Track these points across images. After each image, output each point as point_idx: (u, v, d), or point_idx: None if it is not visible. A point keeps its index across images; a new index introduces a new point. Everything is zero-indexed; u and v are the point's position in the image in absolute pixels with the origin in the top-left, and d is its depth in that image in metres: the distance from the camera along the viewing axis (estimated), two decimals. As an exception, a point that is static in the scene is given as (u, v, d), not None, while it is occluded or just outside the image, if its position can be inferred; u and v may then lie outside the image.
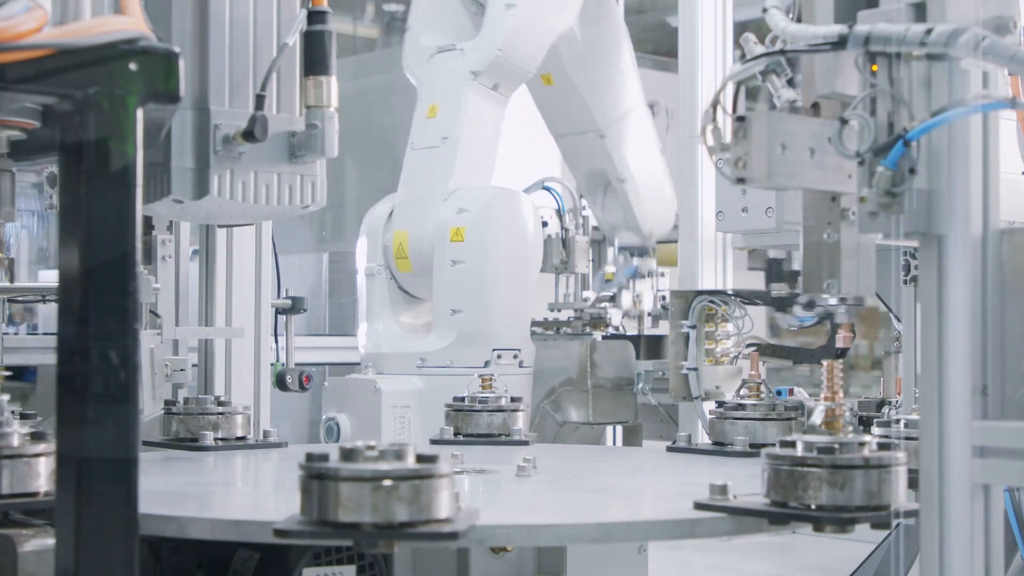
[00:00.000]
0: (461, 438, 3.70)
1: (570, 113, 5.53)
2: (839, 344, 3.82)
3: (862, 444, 2.22)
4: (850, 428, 2.26)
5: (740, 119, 2.04)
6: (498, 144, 5.00)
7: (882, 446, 2.26)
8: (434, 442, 3.66)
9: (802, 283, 2.23)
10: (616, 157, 5.54)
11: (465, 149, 4.88)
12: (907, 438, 2.79)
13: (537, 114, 5.70)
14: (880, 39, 1.98)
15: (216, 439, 3.49)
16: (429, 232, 4.80)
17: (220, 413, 3.54)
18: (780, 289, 4.05)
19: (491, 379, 3.78)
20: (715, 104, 2.11)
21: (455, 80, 4.90)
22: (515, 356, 4.80)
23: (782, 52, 2.14)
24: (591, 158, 5.61)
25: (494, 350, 4.74)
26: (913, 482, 2.20)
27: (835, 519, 2.19)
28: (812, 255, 2.20)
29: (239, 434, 3.56)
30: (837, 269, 2.17)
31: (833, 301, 3.32)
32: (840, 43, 2.03)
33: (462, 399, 3.79)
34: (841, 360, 4.08)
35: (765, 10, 2.22)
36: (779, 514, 2.24)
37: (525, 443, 3.66)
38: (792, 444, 2.25)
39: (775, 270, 4.18)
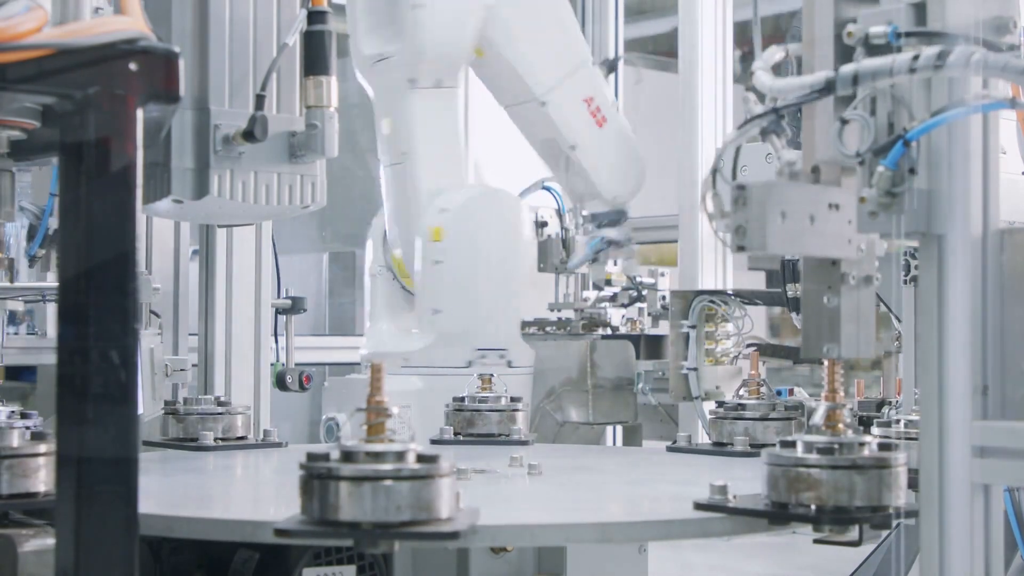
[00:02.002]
0: (461, 438, 3.70)
1: (507, 84, 5.23)
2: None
3: (862, 444, 2.22)
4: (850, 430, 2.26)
5: (740, 187, 2.05)
6: (460, 132, 4.91)
7: (882, 446, 2.26)
8: (434, 442, 3.66)
9: (802, 346, 2.25)
10: (561, 125, 5.19)
11: (426, 159, 4.85)
12: (907, 438, 2.79)
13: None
14: (868, 75, 1.98)
15: (216, 439, 3.49)
16: (415, 247, 4.78)
17: (220, 413, 3.54)
18: (795, 291, 3.99)
19: (491, 379, 3.77)
20: (714, 171, 2.11)
21: (397, 91, 4.84)
22: (501, 356, 4.77)
23: (775, 111, 2.14)
24: (539, 128, 5.28)
25: (478, 349, 4.72)
26: (913, 482, 2.20)
27: (835, 519, 2.19)
28: (812, 318, 2.21)
29: (239, 434, 3.56)
30: (837, 333, 2.18)
31: None
32: (828, 88, 2.04)
33: (462, 399, 3.79)
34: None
35: (752, 73, 2.23)
36: (779, 514, 2.24)
37: (525, 443, 3.66)
38: (792, 444, 2.25)
39: (791, 271, 4.09)
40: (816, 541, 2.38)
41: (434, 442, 3.65)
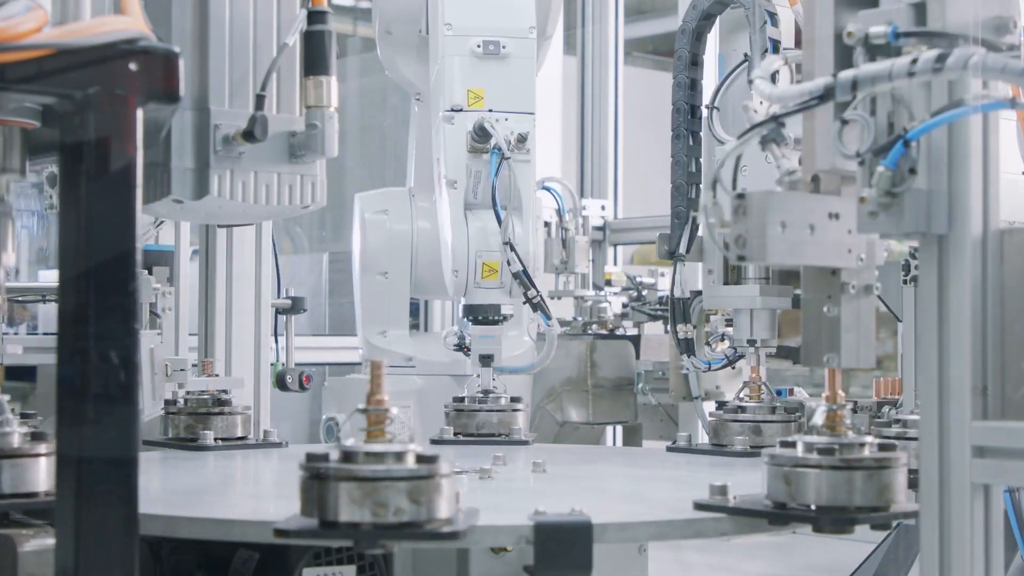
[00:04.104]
0: (461, 438, 3.70)
1: None
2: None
3: (862, 445, 2.22)
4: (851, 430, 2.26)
5: (740, 196, 2.05)
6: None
7: (883, 446, 2.27)
8: (434, 442, 3.66)
9: (802, 355, 2.25)
10: None
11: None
12: (907, 438, 2.80)
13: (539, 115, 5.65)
14: (867, 80, 1.98)
15: (216, 439, 3.49)
16: None
17: (219, 413, 3.54)
18: (686, 331, 4.00)
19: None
20: (714, 181, 2.11)
21: None
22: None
23: (775, 119, 2.14)
24: None
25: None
26: (913, 482, 2.20)
27: (835, 520, 2.19)
28: (812, 328, 2.21)
29: (239, 434, 3.56)
30: (837, 343, 2.18)
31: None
32: (827, 94, 2.04)
33: (462, 399, 3.79)
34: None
35: (751, 81, 2.24)
36: (779, 515, 2.24)
37: (525, 443, 3.66)
38: (792, 444, 2.25)
39: (681, 310, 4.05)
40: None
41: (434, 442, 3.65)
